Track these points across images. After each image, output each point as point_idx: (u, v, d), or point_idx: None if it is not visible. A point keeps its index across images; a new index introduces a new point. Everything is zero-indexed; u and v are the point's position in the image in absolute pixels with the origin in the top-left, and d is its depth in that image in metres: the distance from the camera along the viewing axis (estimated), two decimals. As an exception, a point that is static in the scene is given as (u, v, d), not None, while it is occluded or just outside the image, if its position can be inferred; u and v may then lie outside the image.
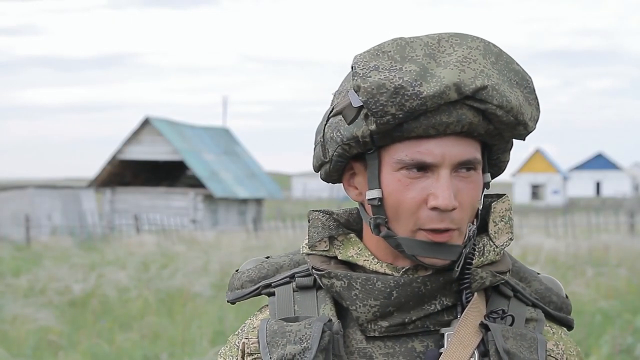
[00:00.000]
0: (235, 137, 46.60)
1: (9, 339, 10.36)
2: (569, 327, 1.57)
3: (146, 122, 40.20)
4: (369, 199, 1.46)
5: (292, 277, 1.54)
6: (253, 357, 1.51)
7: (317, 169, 1.52)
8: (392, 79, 1.38)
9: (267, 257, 1.61)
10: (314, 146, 1.52)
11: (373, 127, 1.40)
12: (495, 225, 1.50)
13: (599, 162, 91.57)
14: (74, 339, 10.28)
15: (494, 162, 1.50)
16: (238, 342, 1.55)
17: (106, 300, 13.18)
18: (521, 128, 1.42)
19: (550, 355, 1.49)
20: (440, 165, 1.40)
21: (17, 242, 28.39)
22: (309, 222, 1.53)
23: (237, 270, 1.61)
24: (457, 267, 1.42)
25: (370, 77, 1.39)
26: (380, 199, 1.44)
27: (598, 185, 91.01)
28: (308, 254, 1.53)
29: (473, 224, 1.45)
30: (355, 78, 1.40)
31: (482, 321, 1.44)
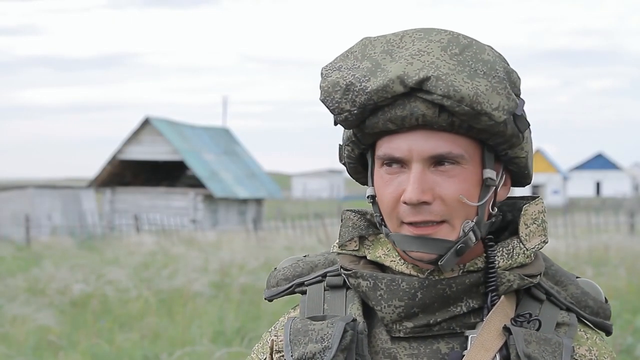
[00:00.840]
0: (235, 137, 46.61)
1: (9, 339, 10.36)
2: (607, 332, 1.54)
3: (146, 122, 40.20)
4: (366, 197, 1.49)
5: (324, 276, 1.56)
6: (280, 354, 1.53)
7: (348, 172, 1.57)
8: (346, 77, 1.41)
9: (305, 256, 1.63)
10: None
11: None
12: (526, 228, 1.48)
13: (599, 162, 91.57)
14: (74, 339, 10.27)
15: (506, 158, 1.46)
16: (269, 339, 1.57)
17: (106, 300, 13.17)
18: (485, 118, 1.38)
19: None
20: (410, 160, 1.41)
21: (17, 242, 28.38)
22: (341, 221, 1.55)
23: (275, 268, 1.62)
24: (441, 262, 1.41)
25: (330, 76, 1.43)
26: (373, 197, 1.47)
27: (598, 185, 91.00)
28: (339, 253, 1.54)
29: (473, 220, 1.43)
30: (320, 79, 1.44)
31: (505, 324, 1.43)
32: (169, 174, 42.94)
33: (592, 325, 1.53)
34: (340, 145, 1.51)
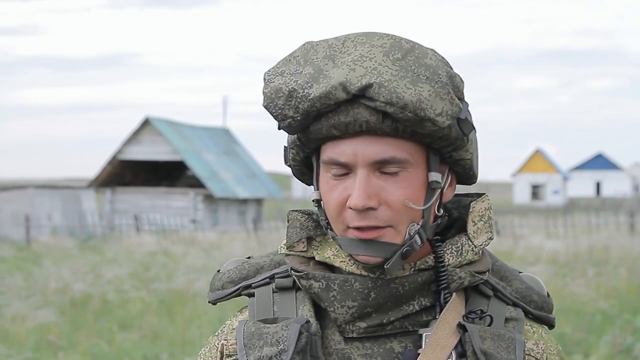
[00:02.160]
0: (235, 137, 46.60)
1: (9, 339, 10.36)
2: (550, 325, 1.56)
3: (146, 122, 40.19)
4: (312, 200, 1.49)
5: (272, 278, 1.54)
6: (231, 358, 1.50)
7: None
8: (288, 83, 1.40)
9: (248, 258, 1.61)
10: None
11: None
12: (474, 225, 1.49)
13: (599, 162, 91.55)
14: (74, 339, 10.28)
15: (451, 160, 1.45)
16: (217, 343, 1.55)
17: (106, 300, 13.18)
18: (429, 124, 1.37)
19: (530, 355, 1.48)
20: (355, 165, 1.40)
21: (17, 242, 28.40)
22: (288, 222, 1.54)
23: (218, 271, 1.61)
24: (387, 265, 1.41)
25: (273, 82, 1.42)
26: (319, 201, 1.47)
27: (598, 185, 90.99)
28: (287, 255, 1.53)
29: (419, 223, 1.43)
30: (263, 85, 1.44)
31: (459, 322, 1.43)
32: (169, 174, 42.94)
33: (537, 320, 1.55)
34: (285, 147, 1.51)
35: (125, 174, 41.14)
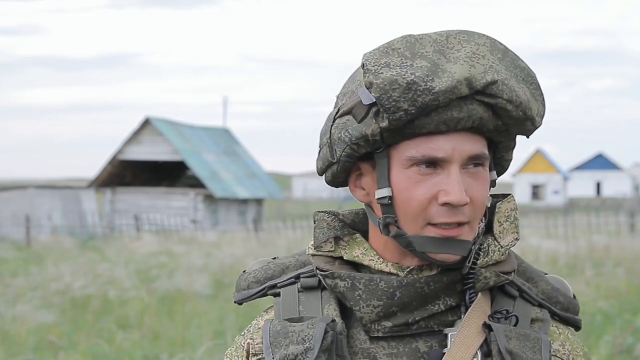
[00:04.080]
0: (235, 137, 46.61)
1: (9, 339, 10.36)
2: (576, 327, 1.56)
3: (146, 122, 40.19)
4: (378, 198, 1.45)
5: (297, 277, 1.55)
6: (257, 357, 1.51)
7: (322, 171, 1.52)
8: (405, 75, 1.38)
9: (274, 258, 1.61)
10: (319, 149, 1.51)
11: (384, 124, 1.39)
12: (500, 225, 1.50)
13: (599, 162, 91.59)
14: (74, 339, 10.28)
15: (498, 160, 1.50)
16: (243, 343, 1.55)
17: (106, 300, 13.18)
18: (529, 123, 1.43)
19: (556, 356, 1.48)
20: (451, 160, 1.40)
21: (18, 242, 28.41)
22: (314, 223, 1.53)
23: (244, 271, 1.61)
24: (468, 263, 1.42)
25: (382, 73, 1.39)
26: (390, 198, 1.44)
27: (598, 185, 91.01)
28: (313, 255, 1.53)
29: (482, 221, 1.46)
30: (367, 75, 1.40)
31: (485, 321, 1.43)
32: (169, 174, 42.94)
33: (563, 321, 1.55)
34: (329, 142, 1.47)
35: (126, 174, 41.15)
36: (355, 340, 1.47)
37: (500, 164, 1.51)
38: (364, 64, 1.41)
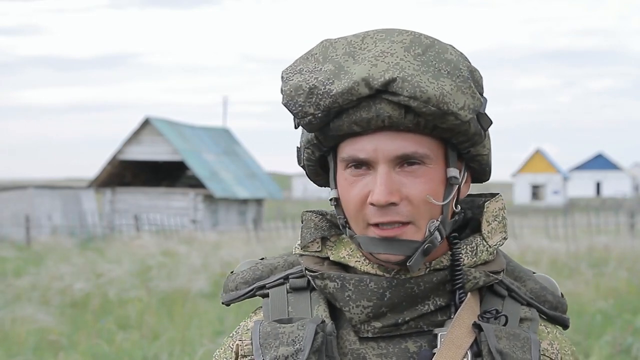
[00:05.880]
0: (235, 137, 46.62)
1: (9, 339, 10.37)
2: (564, 326, 1.56)
3: (146, 122, 40.20)
4: (329, 200, 1.49)
5: (286, 278, 1.54)
6: (247, 359, 1.51)
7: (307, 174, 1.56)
8: (308, 80, 1.40)
9: (262, 259, 1.61)
10: None
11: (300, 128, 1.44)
12: (488, 225, 1.50)
13: (599, 162, 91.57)
14: (74, 339, 10.28)
15: (469, 156, 1.47)
16: (232, 344, 1.55)
17: (106, 300, 13.18)
18: (451, 118, 1.38)
19: (544, 355, 1.49)
20: (376, 161, 1.40)
21: (18, 242, 28.40)
22: (302, 222, 1.54)
23: (231, 272, 1.60)
24: (410, 263, 1.41)
25: (292, 80, 1.42)
26: (337, 199, 1.47)
27: (598, 185, 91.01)
28: (301, 255, 1.53)
29: (438, 220, 1.43)
30: (281, 83, 1.43)
31: (475, 321, 1.43)
32: (169, 174, 42.94)
33: (551, 320, 1.55)
34: (298, 147, 1.51)
35: (125, 174, 41.15)
36: (345, 341, 1.47)
37: (474, 159, 1.48)
38: (281, 73, 1.44)
